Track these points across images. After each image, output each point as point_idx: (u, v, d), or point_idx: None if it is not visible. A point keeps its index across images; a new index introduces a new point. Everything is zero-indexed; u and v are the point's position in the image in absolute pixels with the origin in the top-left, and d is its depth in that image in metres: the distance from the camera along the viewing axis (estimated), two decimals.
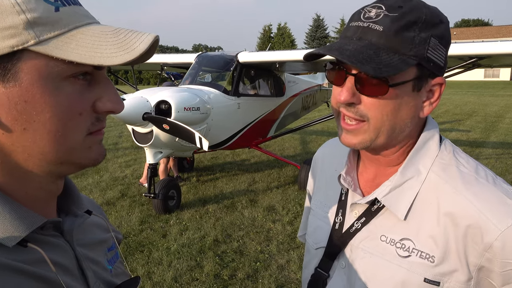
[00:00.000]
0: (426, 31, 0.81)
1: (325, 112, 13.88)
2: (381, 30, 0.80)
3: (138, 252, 4.48)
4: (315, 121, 7.16)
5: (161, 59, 8.03)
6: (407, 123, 0.89)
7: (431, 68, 0.85)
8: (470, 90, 34.00)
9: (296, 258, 4.29)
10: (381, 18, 0.81)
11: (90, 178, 7.38)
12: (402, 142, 0.94)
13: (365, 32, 0.82)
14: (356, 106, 0.86)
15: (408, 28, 0.80)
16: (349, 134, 0.90)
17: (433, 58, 0.84)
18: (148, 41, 0.61)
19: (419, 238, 0.89)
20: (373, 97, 0.84)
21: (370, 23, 0.82)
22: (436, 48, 0.83)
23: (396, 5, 0.82)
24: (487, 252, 0.83)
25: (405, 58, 0.81)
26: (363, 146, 0.90)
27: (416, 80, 0.85)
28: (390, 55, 0.80)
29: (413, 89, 0.86)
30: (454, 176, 0.90)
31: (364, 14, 0.84)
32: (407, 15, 0.80)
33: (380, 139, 0.88)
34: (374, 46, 0.81)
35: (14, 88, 0.56)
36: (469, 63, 5.69)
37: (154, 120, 4.92)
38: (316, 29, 59.58)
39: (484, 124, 14.21)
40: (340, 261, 1.00)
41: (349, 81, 0.85)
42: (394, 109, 0.85)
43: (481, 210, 0.83)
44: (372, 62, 0.78)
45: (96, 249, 0.78)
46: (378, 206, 0.95)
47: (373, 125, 0.86)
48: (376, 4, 0.84)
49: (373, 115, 0.85)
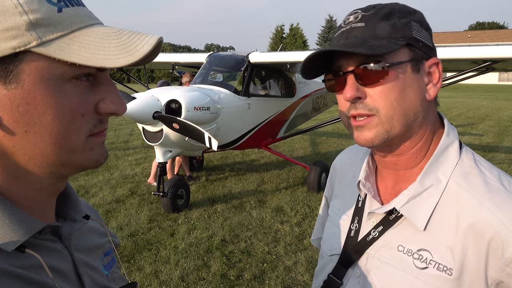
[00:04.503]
0: (404, 18, 0.86)
1: (336, 113, 13.81)
2: (363, 26, 0.86)
3: (146, 250, 4.50)
4: (326, 123, 7.12)
5: (173, 59, 8.07)
6: (417, 106, 0.88)
7: (421, 48, 0.87)
8: (484, 93, 33.55)
9: (303, 260, 4.28)
10: (360, 18, 0.87)
11: (100, 175, 7.44)
12: (418, 133, 0.92)
13: (349, 32, 0.87)
14: (363, 101, 0.86)
15: (387, 18, 0.85)
16: (362, 130, 0.88)
17: (420, 38, 0.87)
18: (151, 43, 0.60)
19: (437, 250, 0.86)
20: (376, 85, 0.85)
21: (352, 25, 0.87)
22: (419, 30, 0.87)
23: (370, 7, 0.88)
24: (508, 267, 0.80)
25: (394, 40, 0.84)
26: (380, 139, 0.88)
27: (412, 62, 0.87)
28: (379, 41, 0.84)
29: (413, 70, 0.87)
30: (476, 185, 0.87)
31: (344, 22, 0.90)
32: (382, 9, 0.86)
33: (396, 128, 0.87)
34: (361, 38, 0.85)
35: (16, 89, 0.55)
36: (483, 67, 5.61)
37: (164, 119, 4.93)
38: (328, 30, 59.39)
39: (497, 129, 14.01)
40: (355, 270, 0.99)
41: (350, 79, 0.87)
42: (400, 93, 0.86)
43: (504, 223, 0.80)
44: (365, 46, 0.83)
45: (93, 254, 0.78)
46: (396, 215, 0.93)
47: (384, 115, 0.86)
48: (352, 12, 0.90)
49: (382, 104, 0.85)
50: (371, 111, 0.86)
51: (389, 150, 0.94)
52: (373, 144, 0.89)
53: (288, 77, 7.45)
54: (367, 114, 0.86)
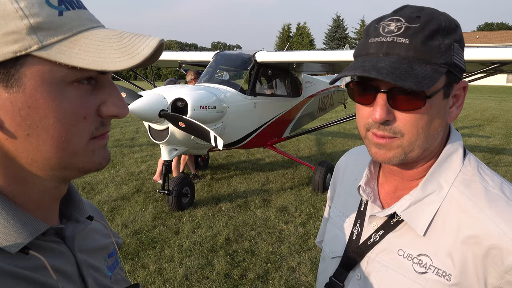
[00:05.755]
0: (448, 38, 0.81)
1: (342, 113, 13.78)
2: (407, 43, 0.79)
3: (150, 248, 4.52)
4: (332, 123, 7.10)
5: (179, 57, 8.09)
6: (439, 131, 0.88)
7: (457, 73, 0.84)
8: (492, 95, 33.31)
9: (307, 261, 4.27)
10: (403, 31, 0.79)
11: (106, 172, 7.47)
12: (432, 153, 0.91)
13: (391, 46, 0.80)
14: (390, 123, 0.84)
15: (432, 37, 0.79)
16: (383, 149, 0.87)
17: (458, 62, 0.83)
18: (152, 46, 0.60)
19: (437, 255, 0.87)
20: (409, 112, 0.82)
21: (394, 37, 0.80)
22: (458, 53, 0.83)
23: (414, 16, 0.80)
24: (508, 274, 0.80)
25: (437, 67, 0.80)
26: (398, 160, 0.87)
27: (445, 87, 0.84)
28: (423, 67, 0.79)
29: (444, 97, 0.85)
30: (477, 193, 0.87)
31: (384, 29, 0.82)
32: (428, 24, 0.79)
33: (415, 152, 0.86)
34: (405, 60, 0.79)
35: (17, 93, 0.55)
36: (491, 69, 5.56)
37: (170, 117, 4.94)
38: (335, 30, 59.25)
39: (504, 131, 13.90)
40: (356, 273, 0.99)
41: (381, 98, 0.83)
42: (428, 121, 0.84)
43: (504, 231, 0.80)
44: (411, 77, 0.77)
45: (97, 256, 0.78)
46: (397, 219, 0.94)
47: (407, 140, 0.84)
48: (393, 17, 0.82)
49: (408, 130, 0.83)
50: (395, 135, 0.84)
51: (400, 166, 0.94)
52: (390, 162, 0.88)
53: (295, 76, 7.43)
54: (391, 136, 0.85)
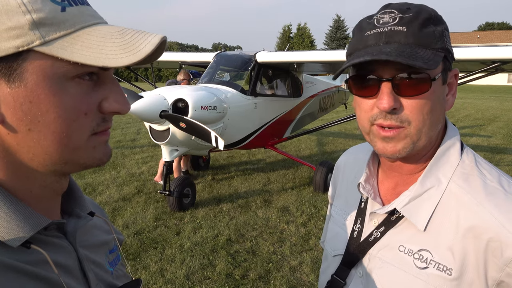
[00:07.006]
0: (439, 26, 0.84)
1: (343, 113, 13.78)
2: (405, 30, 0.81)
3: (151, 248, 4.52)
4: (333, 123, 7.10)
5: (180, 58, 8.09)
6: (440, 119, 0.89)
7: (450, 59, 0.86)
8: (493, 94, 33.27)
9: (308, 261, 4.27)
10: (399, 20, 0.82)
11: (107, 173, 7.48)
12: (432, 142, 0.92)
13: (390, 35, 0.81)
14: (397, 112, 0.84)
15: (426, 25, 0.82)
16: (391, 142, 0.86)
17: (450, 49, 0.86)
18: (154, 43, 0.60)
19: (437, 250, 0.87)
20: (415, 97, 0.82)
21: (391, 26, 0.82)
22: (449, 40, 0.86)
23: (404, 8, 0.83)
24: (508, 267, 0.80)
25: (435, 51, 0.82)
26: (406, 151, 0.87)
27: (443, 73, 0.86)
28: (424, 51, 0.80)
29: (443, 83, 0.87)
30: (476, 187, 0.87)
31: (378, 21, 0.84)
32: (420, 14, 0.82)
33: (422, 140, 0.86)
34: (407, 45, 0.80)
35: (19, 88, 0.56)
36: (492, 68, 5.55)
37: (171, 118, 4.95)
38: (336, 30, 59.21)
39: (506, 130, 13.87)
40: (357, 270, 1.00)
41: (386, 87, 0.83)
42: (432, 106, 0.85)
43: (503, 223, 0.81)
44: (418, 57, 0.78)
45: (98, 251, 0.78)
46: (397, 215, 0.94)
47: (414, 128, 0.84)
48: (385, 10, 0.84)
49: (415, 117, 0.83)
50: (402, 123, 0.84)
51: (402, 159, 0.93)
52: (399, 156, 0.88)
53: (295, 76, 7.44)
54: (398, 126, 0.84)
